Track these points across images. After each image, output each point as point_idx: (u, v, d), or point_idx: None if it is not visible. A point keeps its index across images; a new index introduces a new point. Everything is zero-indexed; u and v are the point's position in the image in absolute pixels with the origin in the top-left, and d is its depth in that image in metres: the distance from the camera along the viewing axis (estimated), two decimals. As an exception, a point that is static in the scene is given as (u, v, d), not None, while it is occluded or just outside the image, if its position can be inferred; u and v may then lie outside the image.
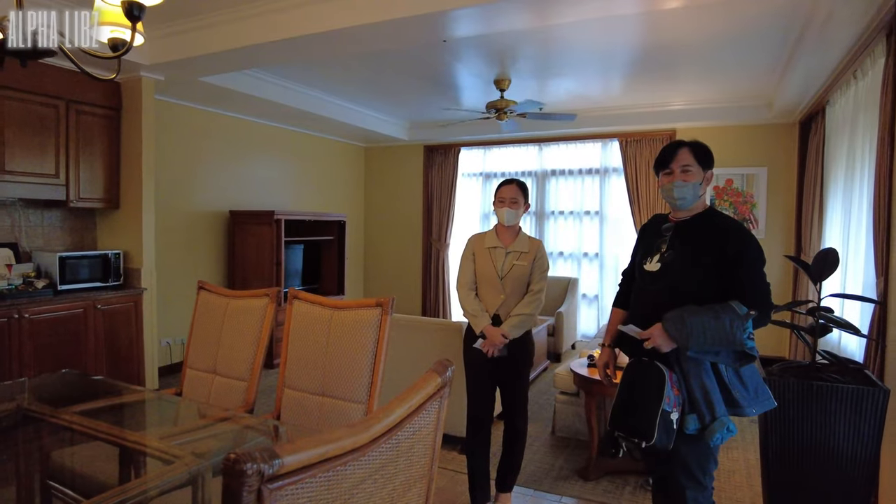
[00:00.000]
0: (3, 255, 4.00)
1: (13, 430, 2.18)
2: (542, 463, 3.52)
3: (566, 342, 6.20)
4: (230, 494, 0.65)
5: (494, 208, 2.87)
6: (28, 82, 3.78)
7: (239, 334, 2.46)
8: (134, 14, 1.55)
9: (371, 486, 0.89)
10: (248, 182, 6.28)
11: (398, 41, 3.81)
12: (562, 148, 7.18)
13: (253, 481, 0.66)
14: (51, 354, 3.83)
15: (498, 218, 2.86)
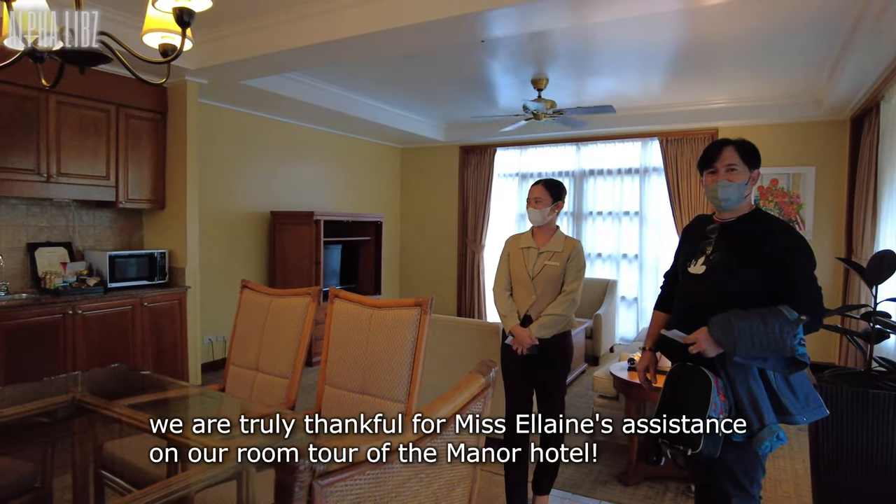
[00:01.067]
0: (59, 253, 4.18)
1: (69, 420, 2.28)
2: (579, 467, 3.48)
3: (604, 345, 6.11)
4: (283, 489, 0.66)
5: (526, 209, 2.86)
6: (81, 88, 3.93)
7: (281, 332, 2.51)
8: (184, 20, 1.60)
9: (416, 484, 0.89)
10: (289, 183, 6.40)
11: (437, 42, 3.83)
12: (600, 147, 7.08)
13: (305, 477, 0.67)
14: (101, 349, 3.98)
15: (529, 218, 2.86)
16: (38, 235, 4.18)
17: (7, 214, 4.01)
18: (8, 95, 3.66)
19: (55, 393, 2.61)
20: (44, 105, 3.85)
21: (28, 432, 2.33)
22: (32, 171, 3.81)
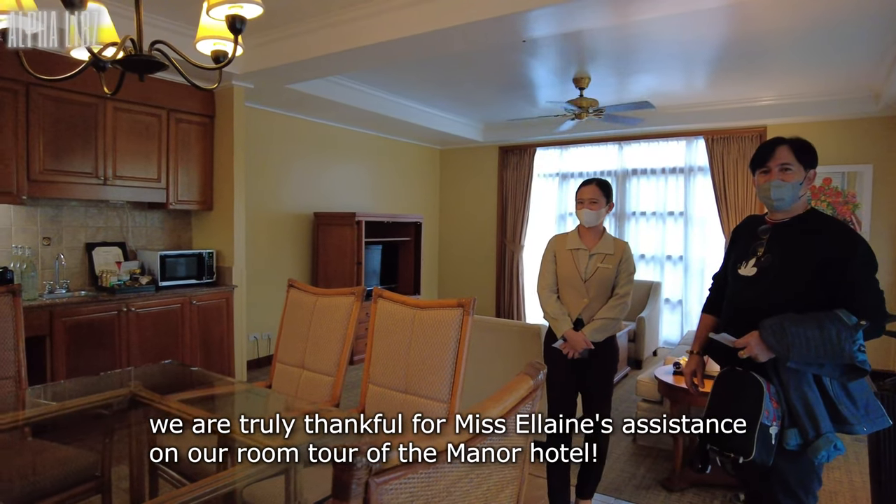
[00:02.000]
0: (114, 253, 4.37)
1: (125, 413, 2.37)
2: (623, 471, 3.42)
3: (647, 348, 5.99)
4: (340, 486, 0.68)
5: (575, 210, 2.80)
6: (136, 94, 4.09)
7: (326, 331, 2.55)
8: (236, 27, 1.64)
9: (467, 484, 0.89)
10: (331, 185, 6.51)
11: (478, 43, 3.83)
12: (643, 146, 6.95)
13: (362, 474, 0.68)
14: (152, 346, 4.13)
15: (578, 219, 2.80)
16: (96, 236, 4.37)
17: (68, 216, 4.21)
18: (70, 103, 3.84)
19: (113, 387, 2.73)
20: (102, 111, 4.02)
21: (88, 424, 2.44)
22: (91, 174, 3.99)
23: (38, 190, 3.75)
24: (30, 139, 3.67)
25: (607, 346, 2.71)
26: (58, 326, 3.64)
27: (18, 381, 2.49)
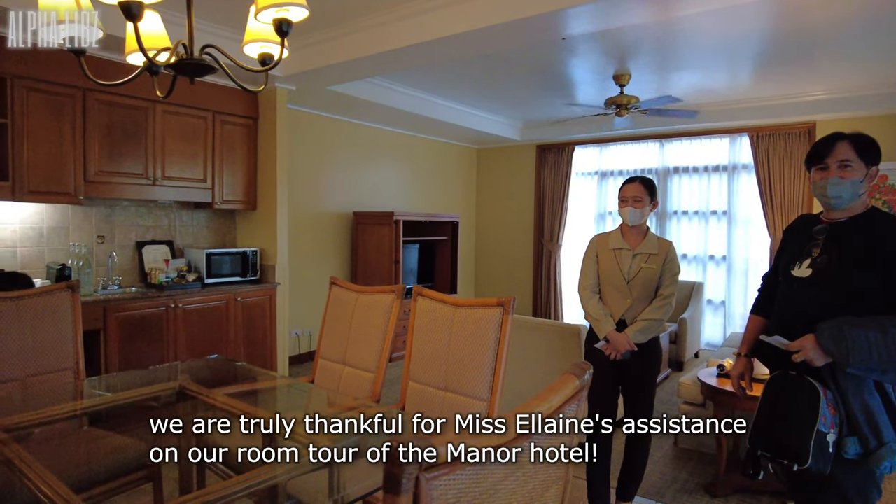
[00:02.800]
0: (162, 251, 4.52)
1: (174, 405, 2.46)
2: (664, 474, 3.36)
3: (689, 350, 5.86)
4: (391, 480, 0.69)
5: (619, 208, 2.76)
6: (184, 98, 4.22)
7: (367, 328, 2.59)
8: (283, 30, 1.68)
9: (513, 483, 0.90)
10: (370, 185, 6.59)
11: (518, 42, 3.82)
12: (685, 144, 6.80)
13: (412, 470, 0.69)
14: (198, 341, 4.27)
15: (622, 218, 2.76)
16: (145, 234, 4.54)
17: (120, 215, 4.38)
18: (122, 107, 3.99)
19: (162, 380, 2.83)
20: (151, 114, 4.17)
21: (140, 415, 2.54)
22: (141, 175, 4.14)
23: (94, 190, 3.91)
24: (86, 142, 3.84)
25: (650, 348, 2.66)
26: (111, 321, 3.79)
27: (77, 372, 2.61)
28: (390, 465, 0.68)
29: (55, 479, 1.54)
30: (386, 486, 0.69)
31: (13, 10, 1.75)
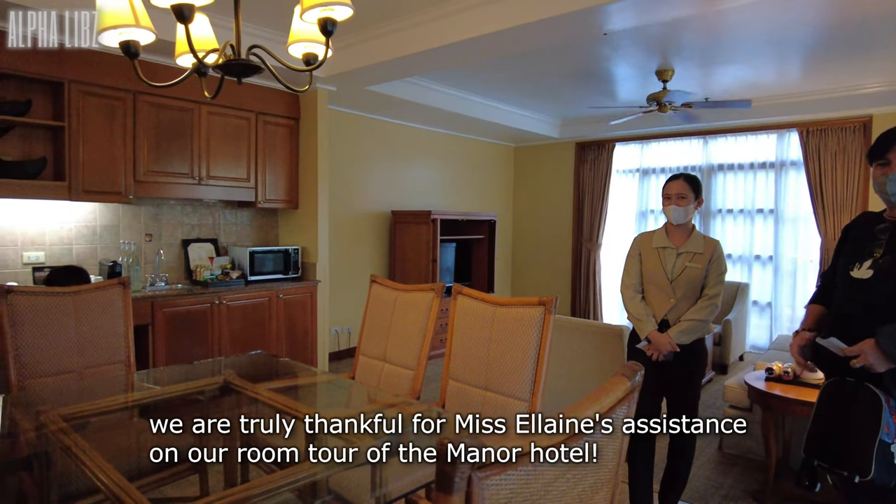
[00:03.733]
0: (207, 249, 4.64)
1: (219, 399, 2.52)
2: (708, 479, 3.27)
3: (734, 353, 5.70)
4: (444, 479, 0.68)
5: (662, 206, 2.70)
6: (228, 99, 4.32)
7: (407, 326, 2.60)
8: (327, 29, 1.70)
9: (563, 485, 0.88)
10: (408, 184, 6.63)
11: (559, 38, 3.77)
12: (730, 141, 6.60)
13: (465, 469, 0.68)
14: (241, 337, 4.37)
15: (665, 216, 2.69)
16: (191, 232, 4.67)
17: (167, 214, 4.52)
18: (169, 108, 4.12)
19: (207, 375, 2.91)
20: (197, 115, 4.29)
21: (186, 408, 2.61)
22: (187, 174, 4.26)
23: (143, 190, 4.04)
24: (136, 143, 3.97)
25: (694, 349, 2.59)
26: (158, 316, 3.92)
27: (128, 366, 2.70)
28: (443, 464, 0.68)
29: (110, 467, 1.59)
30: (438, 484, 0.69)
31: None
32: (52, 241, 3.93)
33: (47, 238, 3.91)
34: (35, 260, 3.85)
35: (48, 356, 2.48)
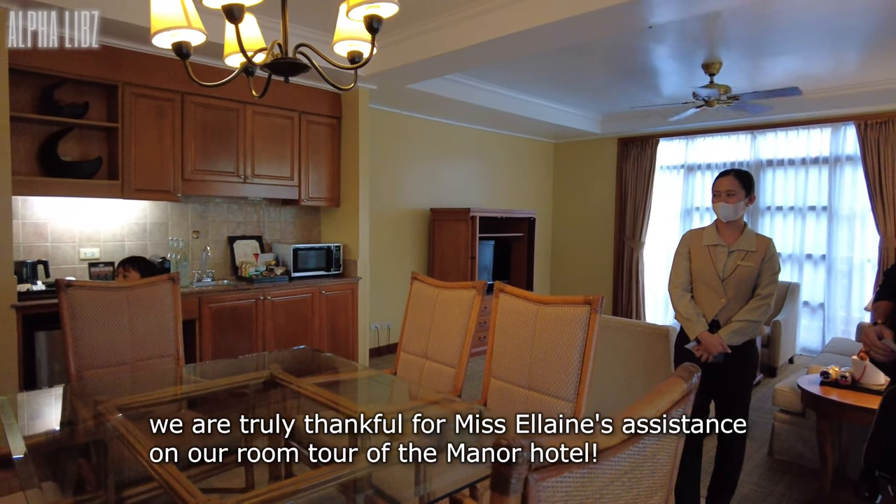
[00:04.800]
0: (252, 246, 4.75)
1: (265, 393, 2.57)
2: (757, 486, 3.16)
3: (783, 355, 5.49)
4: (500, 480, 0.67)
5: (712, 203, 2.62)
6: (272, 99, 4.37)
7: (448, 323, 2.60)
8: (373, 27, 1.70)
9: (619, 488, 0.86)
10: (447, 181, 6.63)
11: (601, 32, 3.70)
12: (780, 135, 6.36)
13: (522, 469, 0.67)
14: (285, 332, 4.45)
15: (715, 214, 2.61)
16: (236, 230, 4.78)
17: (214, 211, 4.63)
18: (216, 108, 4.22)
19: (253, 369, 2.97)
20: (242, 115, 4.38)
21: (233, 401, 2.67)
22: (233, 173, 4.36)
23: (190, 188, 4.16)
24: (184, 143, 4.08)
25: (745, 351, 2.51)
26: (205, 311, 4.02)
27: (177, 359, 2.79)
28: (500, 465, 0.67)
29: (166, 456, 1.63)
30: (494, 485, 0.68)
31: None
32: (106, 237, 4.09)
33: (101, 235, 4.07)
34: (91, 256, 4.01)
35: (104, 348, 2.58)
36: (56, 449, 1.96)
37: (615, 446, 0.82)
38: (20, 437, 1.73)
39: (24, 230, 3.75)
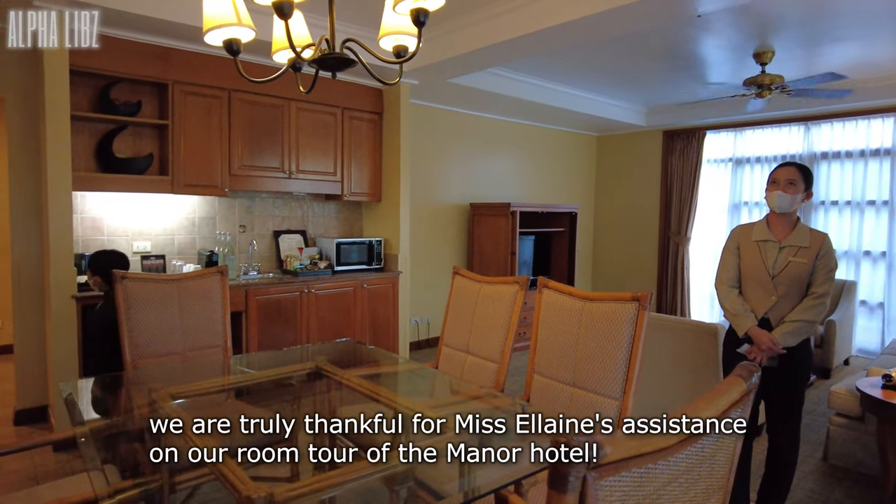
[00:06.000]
0: (296, 240, 4.83)
1: (310, 383, 2.61)
2: (811, 492, 3.04)
3: (838, 356, 5.27)
4: (558, 478, 0.66)
5: (766, 193, 2.51)
6: (316, 95, 4.46)
7: (490, 318, 2.58)
8: (420, 20, 1.70)
9: (676, 489, 0.84)
10: (487, 176, 6.60)
11: (647, 22, 3.61)
12: (836, 127, 6.08)
13: (580, 468, 0.66)
14: (328, 324, 4.52)
15: (768, 204, 2.50)
16: (281, 224, 4.87)
17: (259, 206, 4.74)
18: (261, 105, 4.31)
19: (298, 360, 3.02)
20: (287, 112, 4.46)
21: (279, 391, 2.73)
22: (278, 168, 4.44)
23: (237, 183, 4.26)
24: (231, 139, 4.18)
25: (799, 353, 2.41)
26: (252, 304, 4.12)
27: (225, 350, 2.86)
28: (559, 463, 0.65)
29: (214, 444, 1.68)
30: (552, 483, 0.67)
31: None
32: (157, 232, 4.23)
33: (153, 230, 4.21)
34: (143, 249, 4.16)
35: (156, 338, 2.67)
36: (114, 433, 2.04)
37: (673, 446, 0.79)
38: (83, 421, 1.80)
39: (83, 224, 3.91)
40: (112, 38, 3.63)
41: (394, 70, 1.93)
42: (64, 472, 3.13)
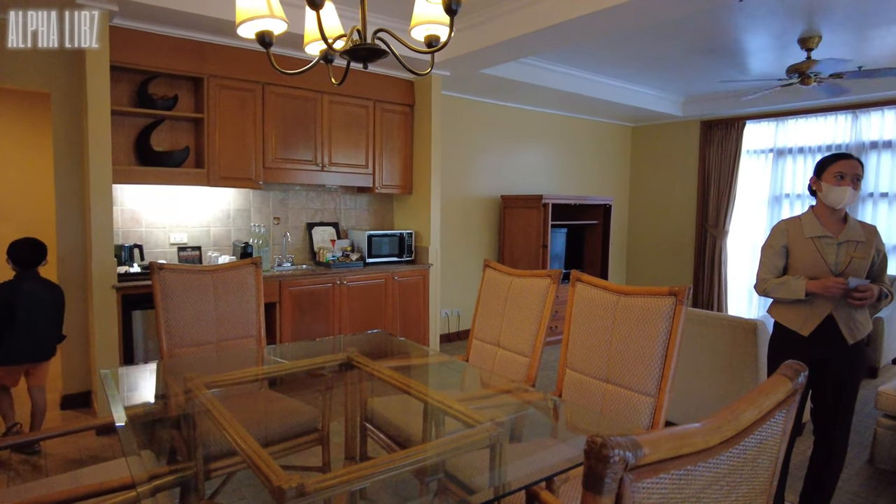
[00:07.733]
0: (329, 232, 4.87)
1: (342, 374, 2.63)
2: (856, 496, 2.93)
3: (886, 355, 5.04)
4: (594, 478, 0.64)
5: (825, 186, 2.34)
6: (348, 88, 4.47)
7: (522, 312, 2.55)
8: (452, 8, 1.67)
9: (717, 491, 0.80)
10: (518, 168, 6.53)
11: (688, 8, 3.49)
12: (887, 115, 5.81)
13: (617, 469, 0.63)
14: (359, 316, 4.55)
15: (832, 199, 2.33)
16: (314, 217, 4.92)
17: (293, 199, 4.79)
18: (294, 98, 4.34)
19: (330, 351, 3.05)
20: (319, 105, 4.48)
21: (311, 381, 2.76)
22: (311, 161, 4.47)
23: (271, 176, 4.31)
24: (265, 132, 4.23)
25: (856, 352, 2.29)
26: (285, 295, 4.17)
27: (259, 340, 2.90)
28: (595, 463, 0.63)
29: (245, 433, 1.70)
30: (587, 483, 0.64)
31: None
32: (193, 223, 4.31)
33: (189, 222, 4.29)
34: (179, 241, 4.25)
35: (192, 328, 2.72)
36: (151, 420, 2.09)
37: (714, 447, 0.76)
38: (122, 408, 1.85)
39: (123, 216, 4.02)
40: (150, 34, 3.71)
41: (425, 61, 1.91)
42: (105, 456, 3.24)
